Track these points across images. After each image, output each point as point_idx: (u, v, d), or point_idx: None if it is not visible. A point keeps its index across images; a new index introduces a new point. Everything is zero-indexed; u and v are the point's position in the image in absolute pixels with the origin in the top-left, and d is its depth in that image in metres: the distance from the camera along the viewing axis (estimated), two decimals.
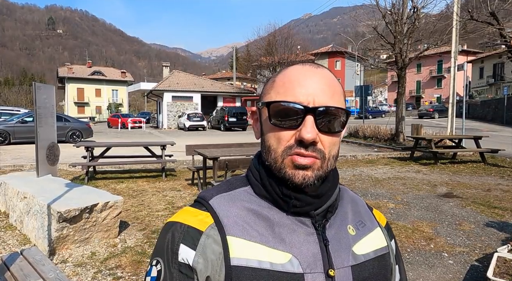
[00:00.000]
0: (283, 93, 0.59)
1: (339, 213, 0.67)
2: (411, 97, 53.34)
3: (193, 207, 0.65)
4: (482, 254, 3.61)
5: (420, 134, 11.35)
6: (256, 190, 0.64)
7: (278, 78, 0.63)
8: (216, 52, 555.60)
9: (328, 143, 0.59)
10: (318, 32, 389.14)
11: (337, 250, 0.61)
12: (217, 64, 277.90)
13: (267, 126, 0.62)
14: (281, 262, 0.57)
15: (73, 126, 15.32)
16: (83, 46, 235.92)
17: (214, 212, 0.61)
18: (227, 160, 4.72)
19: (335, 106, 0.58)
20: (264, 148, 0.63)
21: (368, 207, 0.74)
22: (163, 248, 0.61)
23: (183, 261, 0.58)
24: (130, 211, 5.04)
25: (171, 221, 0.63)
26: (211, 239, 0.58)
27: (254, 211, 0.62)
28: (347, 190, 0.73)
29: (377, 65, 23.34)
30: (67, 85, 58.34)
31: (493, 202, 5.56)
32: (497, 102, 27.68)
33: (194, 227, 0.60)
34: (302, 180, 0.58)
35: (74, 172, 8.05)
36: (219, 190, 0.65)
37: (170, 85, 30.20)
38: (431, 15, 15.95)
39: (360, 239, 0.65)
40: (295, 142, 0.58)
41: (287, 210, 0.62)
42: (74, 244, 3.62)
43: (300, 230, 0.61)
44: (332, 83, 0.61)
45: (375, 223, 0.71)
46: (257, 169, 0.66)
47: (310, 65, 0.63)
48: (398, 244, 0.75)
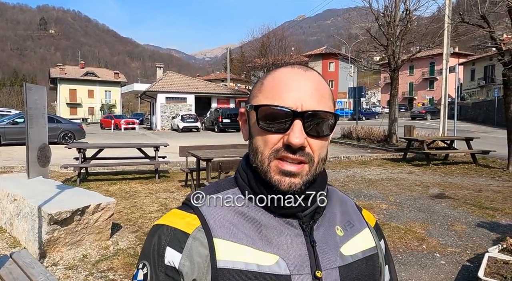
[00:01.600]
0: (271, 96, 0.59)
1: (327, 214, 0.66)
2: (404, 99, 53.79)
3: (180, 209, 0.64)
4: (474, 254, 3.65)
5: (413, 136, 11.45)
6: (243, 192, 0.64)
7: (267, 81, 0.62)
8: (210, 53, 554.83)
9: (316, 146, 0.59)
10: (311, 34, 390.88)
11: (325, 251, 0.61)
12: (211, 65, 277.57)
13: (255, 129, 0.61)
14: (268, 264, 0.57)
15: (65, 127, 15.16)
16: (75, 47, 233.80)
17: (201, 214, 0.61)
18: (220, 161, 4.71)
19: (323, 110, 0.58)
20: (252, 150, 0.63)
21: (358, 207, 0.74)
22: (150, 251, 0.60)
23: (169, 264, 0.58)
24: (123, 213, 5.00)
25: (158, 224, 0.63)
26: (198, 242, 0.58)
27: (241, 213, 0.61)
28: (336, 190, 0.73)
29: (370, 67, 23.50)
30: (59, 86, 57.78)
31: (484, 202, 5.62)
32: (488, 104, 28.05)
33: (180, 229, 0.60)
34: (288, 188, 0.58)
35: (66, 173, 7.97)
36: (207, 192, 0.65)
37: (163, 86, 30.09)
38: (423, 18, 16.13)
39: (348, 239, 0.65)
40: (283, 146, 0.57)
41: (274, 212, 0.61)
42: (65, 247, 3.58)
43: (288, 232, 0.61)
44: (321, 86, 0.61)
45: (364, 223, 0.71)
46: (245, 171, 0.65)
47: (299, 68, 0.62)
48: (389, 244, 0.75)
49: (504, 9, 8.45)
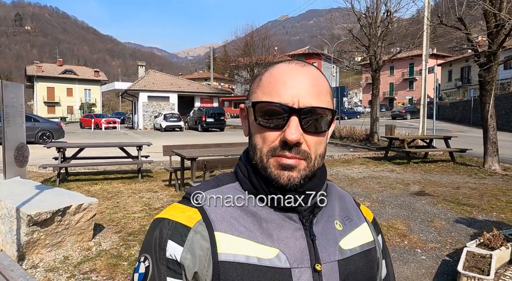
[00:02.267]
0: (268, 93, 0.60)
1: (327, 209, 0.67)
2: (385, 99, 54.88)
3: (181, 203, 0.65)
4: (453, 249, 3.77)
5: (394, 135, 11.70)
6: (244, 186, 0.65)
7: (265, 77, 0.62)
8: (193, 52, 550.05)
9: (313, 143, 0.59)
10: (294, 33, 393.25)
11: (324, 245, 0.62)
12: (194, 64, 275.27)
13: (253, 125, 0.62)
14: (268, 257, 0.58)
15: (43, 126, 14.73)
16: (53, 44, 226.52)
17: (202, 208, 0.61)
18: (205, 160, 4.68)
19: (320, 106, 0.58)
20: (251, 147, 0.63)
21: (356, 203, 0.75)
22: (151, 245, 0.60)
23: (171, 257, 0.58)
24: (105, 213, 4.90)
25: (159, 217, 0.63)
26: (199, 235, 0.58)
27: (242, 207, 0.62)
28: (335, 186, 0.74)
29: (352, 67, 23.88)
30: (36, 84, 55.94)
31: (462, 199, 5.80)
32: (465, 104, 28.96)
33: (182, 223, 0.60)
34: (287, 181, 0.58)
35: (45, 174, 7.74)
36: (207, 186, 0.66)
37: (146, 85, 29.63)
38: (403, 19, 16.51)
39: (346, 234, 0.66)
40: (280, 143, 0.58)
41: (274, 206, 0.62)
42: (45, 249, 3.48)
43: (288, 226, 0.61)
44: (318, 82, 0.61)
45: (362, 218, 0.72)
46: (245, 166, 0.66)
47: (296, 63, 0.63)
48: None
49: (479, 12, 8.74)
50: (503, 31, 7.76)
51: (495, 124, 8.39)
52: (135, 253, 3.56)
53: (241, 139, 16.46)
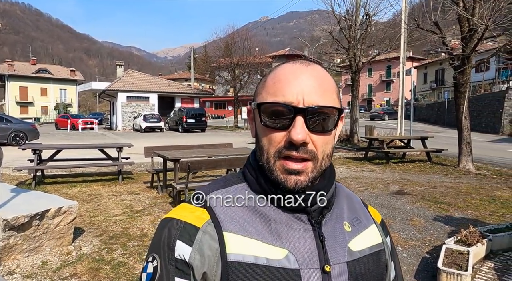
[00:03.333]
0: (273, 93, 0.59)
1: (335, 210, 0.67)
2: (363, 100, 55.98)
3: (190, 203, 0.64)
4: (432, 246, 3.88)
5: (373, 135, 11.96)
6: (252, 186, 0.64)
7: (269, 78, 0.62)
8: (172, 52, 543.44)
9: (320, 143, 0.59)
10: (275, 35, 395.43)
11: (333, 246, 0.62)
12: (174, 64, 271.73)
13: (260, 127, 0.62)
14: (277, 258, 0.57)
15: (16, 127, 14.17)
16: (26, 42, 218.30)
17: (210, 208, 0.61)
18: (189, 161, 4.63)
19: (325, 105, 0.58)
20: (258, 148, 0.63)
21: (364, 204, 0.75)
22: (160, 244, 0.60)
23: (179, 257, 0.58)
24: (85, 216, 4.76)
25: (168, 217, 0.63)
26: (208, 235, 0.58)
27: (250, 208, 0.62)
28: (343, 187, 0.74)
29: (332, 68, 24.26)
30: (8, 83, 53.74)
31: (439, 198, 5.99)
32: (440, 105, 29.95)
33: (190, 223, 0.59)
34: (294, 185, 0.58)
35: (19, 176, 7.45)
36: (215, 186, 0.65)
37: (124, 85, 29.03)
38: (380, 23, 16.91)
39: (355, 235, 0.66)
40: (286, 144, 0.57)
41: (283, 206, 0.62)
42: (22, 254, 3.35)
43: (297, 227, 0.61)
44: (324, 80, 0.60)
45: (371, 220, 0.72)
46: (253, 166, 0.66)
47: (300, 63, 0.62)
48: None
49: (454, 17, 9.07)
50: (476, 35, 8.08)
51: (469, 125, 8.72)
52: (118, 256, 3.48)
53: (223, 140, 16.39)
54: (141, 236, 4.05)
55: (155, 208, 5.24)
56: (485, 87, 26.27)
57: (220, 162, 5.22)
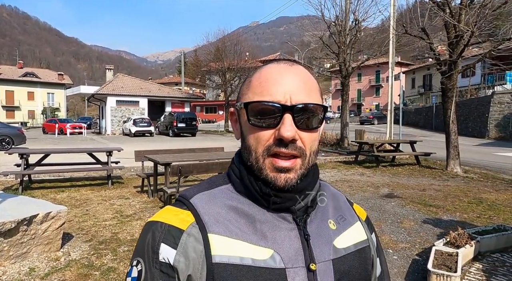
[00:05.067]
0: (259, 92, 0.60)
1: (320, 208, 0.67)
2: (353, 105, 56.53)
3: (174, 206, 0.64)
4: (422, 248, 3.93)
5: (363, 139, 12.09)
6: (237, 187, 0.64)
7: (254, 78, 0.63)
8: (162, 56, 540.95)
9: (308, 140, 0.60)
10: (265, 40, 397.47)
11: (318, 245, 0.62)
12: (164, 68, 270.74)
13: (246, 127, 0.62)
14: (263, 258, 0.57)
15: (3, 131, 13.92)
16: (12, 45, 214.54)
17: (195, 210, 0.61)
18: (180, 165, 4.61)
19: (312, 103, 0.59)
20: (245, 149, 0.63)
21: (349, 202, 0.76)
22: (144, 248, 0.59)
23: (164, 260, 0.57)
24: (74, 221, 4.69)
25: (152, 220, 0.62)
26: (193, 238, 0.58)
27: (235, 208, 0.62)
28: (328, 185, 0.75)
29: (322, 73, 24.46)
30: None
31: (428, 200, 6.07)
32: (427, 110, 30.44)
33: (175, 226, 0.59)
34: (284, 183, 0.59)
35: (5, 181, 7.30)
36: (200, 188, 0.65)
37: (114, 89, 28.76)
38: (369, 28, 17.16)
39: (340, 233, 0.67)
40: (274, 141, 0.58)
41: (267, 206, 0.62)
42: (9, 260, 3.28)
43: (282, 226, 0.61)
44: (308, 80, 0.62)
45: (356, 217, 0.72)
46: (237, 167, 0.66)
47: (284, 63, 0.64)
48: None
49: (440, 23, 9.26)
50: (462, 41, 8.26)
51: (456, 129, 8.88)
52: (107, 262, 3.43)
53: (214, 144, 16.34)
54: (131, 241, 4.00)
55: (146, 212, 5.19)
56: (471, 92, 26.80)
57: (212, 166, 5.20)
